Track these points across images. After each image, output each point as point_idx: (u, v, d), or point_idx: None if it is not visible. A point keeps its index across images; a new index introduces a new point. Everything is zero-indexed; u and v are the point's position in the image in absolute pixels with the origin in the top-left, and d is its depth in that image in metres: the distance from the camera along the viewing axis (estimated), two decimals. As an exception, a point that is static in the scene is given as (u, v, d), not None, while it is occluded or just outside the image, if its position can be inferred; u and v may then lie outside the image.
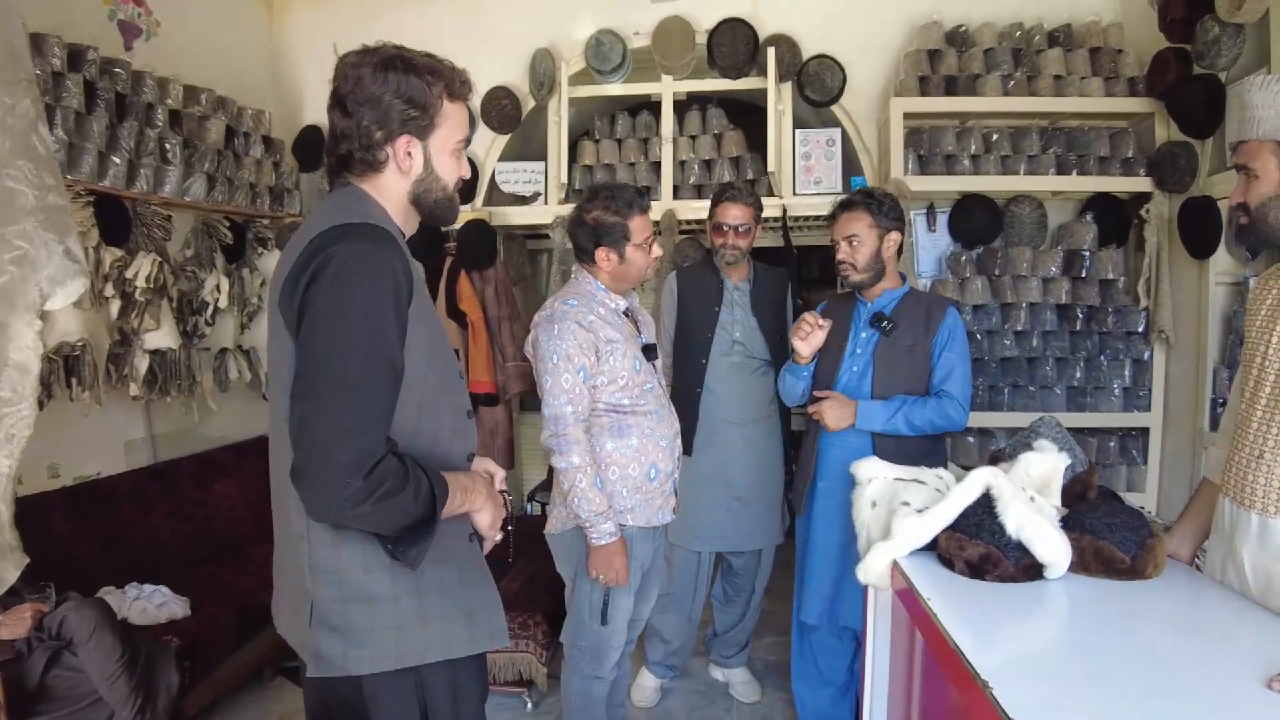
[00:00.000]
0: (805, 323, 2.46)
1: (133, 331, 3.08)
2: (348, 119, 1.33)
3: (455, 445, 1.44)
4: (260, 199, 3.78)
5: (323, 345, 1.20)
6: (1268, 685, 1.14)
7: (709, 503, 2.86)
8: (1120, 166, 3.43)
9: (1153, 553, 1.61)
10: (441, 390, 1.38)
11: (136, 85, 3.15)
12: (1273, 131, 1.44)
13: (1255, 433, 1.51)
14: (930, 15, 3.63)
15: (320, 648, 1.30)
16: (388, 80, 1.30)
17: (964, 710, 1.31)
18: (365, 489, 1.17)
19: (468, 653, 1.41)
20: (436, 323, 1.41)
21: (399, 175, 1.37)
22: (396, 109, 1.31)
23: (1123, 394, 3.46)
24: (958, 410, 2.36)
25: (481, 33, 3.98)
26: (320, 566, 1.30)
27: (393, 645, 1.31)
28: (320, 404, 1.18)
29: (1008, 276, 3.49)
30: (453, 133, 1.40)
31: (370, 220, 1.30)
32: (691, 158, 3.89)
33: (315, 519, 1.24)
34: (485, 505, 1.43)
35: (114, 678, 2.25)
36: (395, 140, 1.34)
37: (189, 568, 3.15)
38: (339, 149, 1.36)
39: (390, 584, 1.32)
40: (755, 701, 3.10)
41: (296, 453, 1.19)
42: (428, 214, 1.44)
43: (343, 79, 1.33)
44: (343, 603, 1.30)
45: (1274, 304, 1.56)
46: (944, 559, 1.71)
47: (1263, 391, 1.52)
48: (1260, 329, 1.58)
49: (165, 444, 3.49)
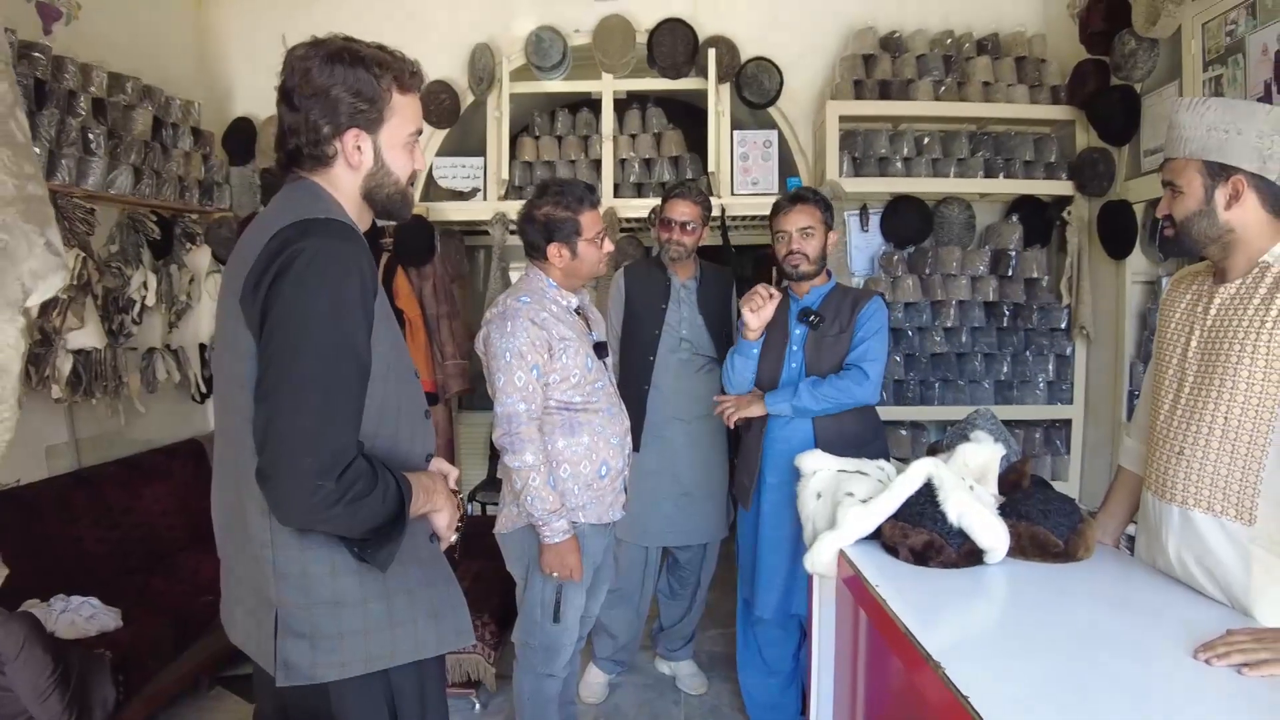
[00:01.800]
0: (758, 295, 2.46)
1: (54, 330, 2.93)
2: (295, 113, 1.30)
3: (415, 446, 1.42)
4: (189, 193, 3.65)
5: (290, 344, 1.16)
6: (1194, 655, 1.23)
7: (656, 498, 2.89)
8: (1044, 171, 3.60)
9: (1084, 537, 1.71)
10: (401, 391, 1.37)
11: (57, 71, 3.00)
12: (1198, 151, 1.51)
13: (1175, 430, 1.61)
14: (865, 21, 3.74)
15: (288, 656, 1.27)
16: (334, 73, 1.28)
17: (912, 691, 1.37)
18: (337, 491, 1.15)
19: (436, 652, 1.40)
20: (394, 322, 1.39)
21: (349, 170, 1.35)
22: (344, 102, 1.29)
23: (1047, 387, 3.64)
24: (860, 381, 2.40)
25: (420, 26, 3.92)
26: (285, 571, 1.27)
27: (361, 649, 1.30)
28: (289, 404, 1.15)
29: (938, 275, 3.62)
30: (404, 125, 1.37)
31: (333, 215, 1.27)
32: (632, 156, 3.92)
33: (284, 522, 1.21)
34: (444, 505, 1.42)
35: (45, 695, 2.15)
36: (343, 134, 1.31)
37: (119, 578, 3.02)
38: (288, 144, 1.34)
39: (358, 587, 1.30)
40: (702, 693, 3.15)
41: (263, 455, 1.16)
42: (380, 209, 1.42)
43: (290, 72, 1.30)
44: (309, 608, 1.27)
45: (1187, 307, 1.65)
46: (888, 547, 1.77)
47: (1182, 393, 1.61)
48: (1175, 330, 1.67)
49: (90, 449, 3.33)
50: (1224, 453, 1.50)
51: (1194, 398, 1.57)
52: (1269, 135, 1.46)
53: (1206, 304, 1.59)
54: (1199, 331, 1.59)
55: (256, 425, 1.18)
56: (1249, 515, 1.46)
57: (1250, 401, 1.47)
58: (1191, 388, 1.58)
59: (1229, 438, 1.50)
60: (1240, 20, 2.55)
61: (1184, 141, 1.54)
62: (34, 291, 2.16)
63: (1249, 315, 1.49)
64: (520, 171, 3.94)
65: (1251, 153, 1.47)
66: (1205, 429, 1.53)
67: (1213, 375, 1.53)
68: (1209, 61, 2.70)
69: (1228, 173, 1.49)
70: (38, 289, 2.16)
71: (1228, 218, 1.51)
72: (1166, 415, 1.65)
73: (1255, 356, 1.46)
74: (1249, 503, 1.46)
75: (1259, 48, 2.48)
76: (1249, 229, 1.51)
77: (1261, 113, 1.48)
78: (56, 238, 2.20)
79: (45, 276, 2.17)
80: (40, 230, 2.15)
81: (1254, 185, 1.48)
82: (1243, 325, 1.49)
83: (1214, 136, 1.49)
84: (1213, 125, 1.49)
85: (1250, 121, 1.47)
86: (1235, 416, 1.49)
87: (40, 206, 2.17)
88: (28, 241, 2.13)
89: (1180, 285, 1.73)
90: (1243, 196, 1.49)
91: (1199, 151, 1.51)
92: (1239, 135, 1.47)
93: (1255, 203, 1.49)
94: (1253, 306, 1.48)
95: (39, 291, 2.17)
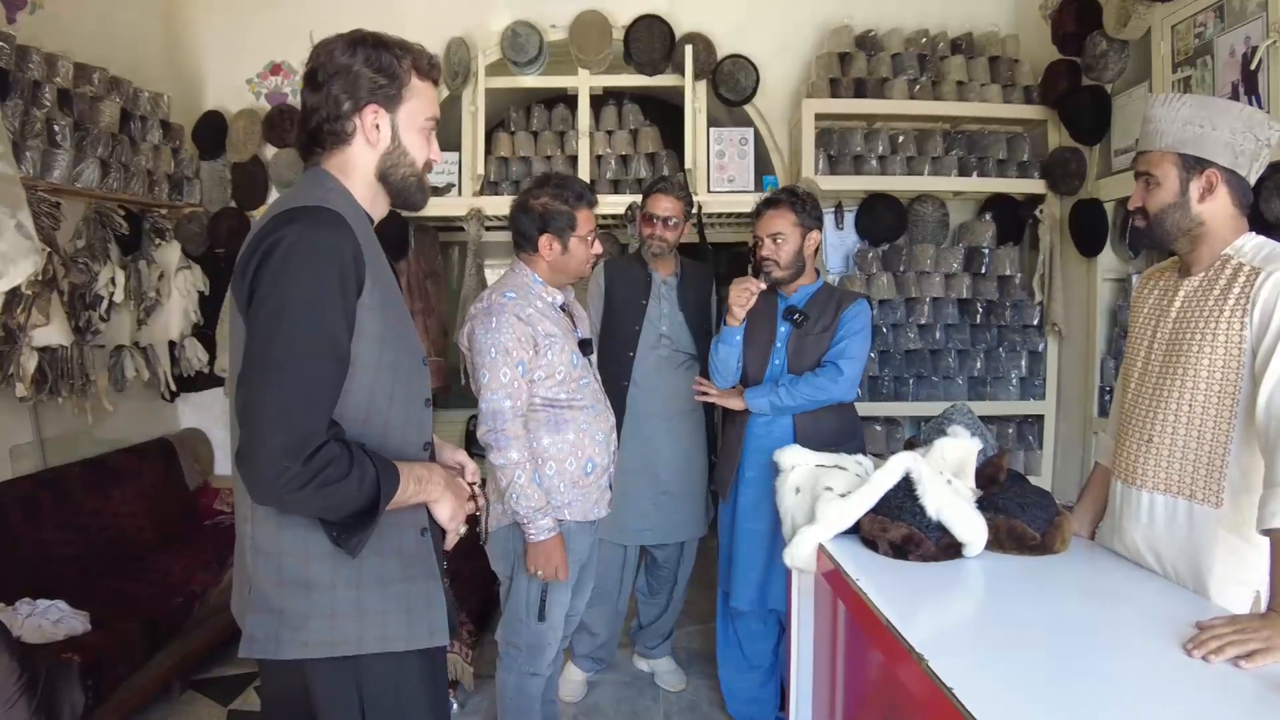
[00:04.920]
0: (748, 290, 2.47)
1: (18, 327, 2.85)
2: (318, 92, 1.34)
3: (409, 435, 1.42)
4: (158, 187, 3.59)
5: (266, 329, 1.20)
6: (1188, 653, 1.24)
7: (635, 496, 2.88)
8: (1016, 169, 3.65)
9: (1060, 529, 1.74)
10: (395, 379, 1.37)
11: (21, 61, 2.92)
12: (1174, 144, 1.56)
13: (1143, 418, 1.66)
14: (841, 19, 3.76)
15: (254, 630, 1.32)
16: (356, 52, 1.33)
17: (893, 684, 1.38)
18: (305, 474, 1.17)
19: (406, 648, 1.39)
20: (396, 310, 1.39)
21: (366, 147, 1.37)
22: (365, 77, 1.33)
23: (1019, 383, 3.69)
24: (834, 378, 2.42)
25: (395, 19, 3.84)
26: (261, 548, 1.31)
27: (327, 633, 1.31)
28: (261, 387, 1.19)
29: (912, 272, 3.65)
30: (422, 109, 1.41)
31: (324, 203, 1.28)
32: (608, 153, 3.91)
33: (257, 502, 1.24)
34: (443, 497, 1.41)
35: (11, 702, 2.09)
36: (363, 110, 1.34)
37: (87, 581, 2.95)
38: (310, 123, 1.37)
39: (329, 572, 1.31)
40: (681, 690, 3.15)
41: (240, 435, 1.20)
42: (395, 193, 1.44)
43: (314, 57, 1.35)
44: (280, 586, 1.30)
45: (1156, 301, 1.71)
46: (867, 541, 1.79)
47: (1148, 382, 1.67)
48: (1143, 324, 1.73)
49: (56, 449, 3.25)
50: (1190, 438, 1.56)
51: (1160, 386, 1.63)
52: (1241, 132, 1.51)
53: (1171, 297, 1.65)
54: (1164, 323, 1.65)
55: (236, 407, 1.23)
56: (1216, 498, 1.52)
57: (1213, 388, 1.53)
58: (1157, 376, 1.64)
59: (1194, 423, 1.55)
60: (1209, 23, 2.60)
61: (1160, 135, 1.58)
62: (4, 275, 2.09)
63: (1209, 305, 1.54)
64: (496, 167, 3.91)
65: (1224, 148, 1.52)
66: (1172, 415, 1.59)
67: (1177, 364, 1.59)
68: (1178, 63, 2.76)
69: (1202, 166, 1.54)
70: (8, 273, 2.10)
71: (1200, 210, 1.56)
72: (1132, 404, 1.71)
73: (1215, 344, 1.52)
74: (1215, 486, 1.52)
75: (1227, 50, 2.53)
76: (1217, 222, 1.56)
77: (1235, 110, 1.54)
78: (28, 220, 2.13)
79: (16, 260, 2.10)
80: (11, 212, 2.08)
81: (1226, 180, 1.54)
82: (1204, 315, 1.55)
83: (1189, 131, 1.54)
84: (1188, 120, 1.54)
85: (1224, 118, 1.52)
86: (1199, 402, 1.55)
87: (10, 188, 2.10)
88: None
89: (1148, 282, 1.78)
90: (1216, 190, 1.54)
91: (1175, 144, 1.56)
92: (1213, 130, 1.52)
93: (1225, 197, 1.55)
94: (1213, 297, 1.54)
95: (9, 275, 2.10)
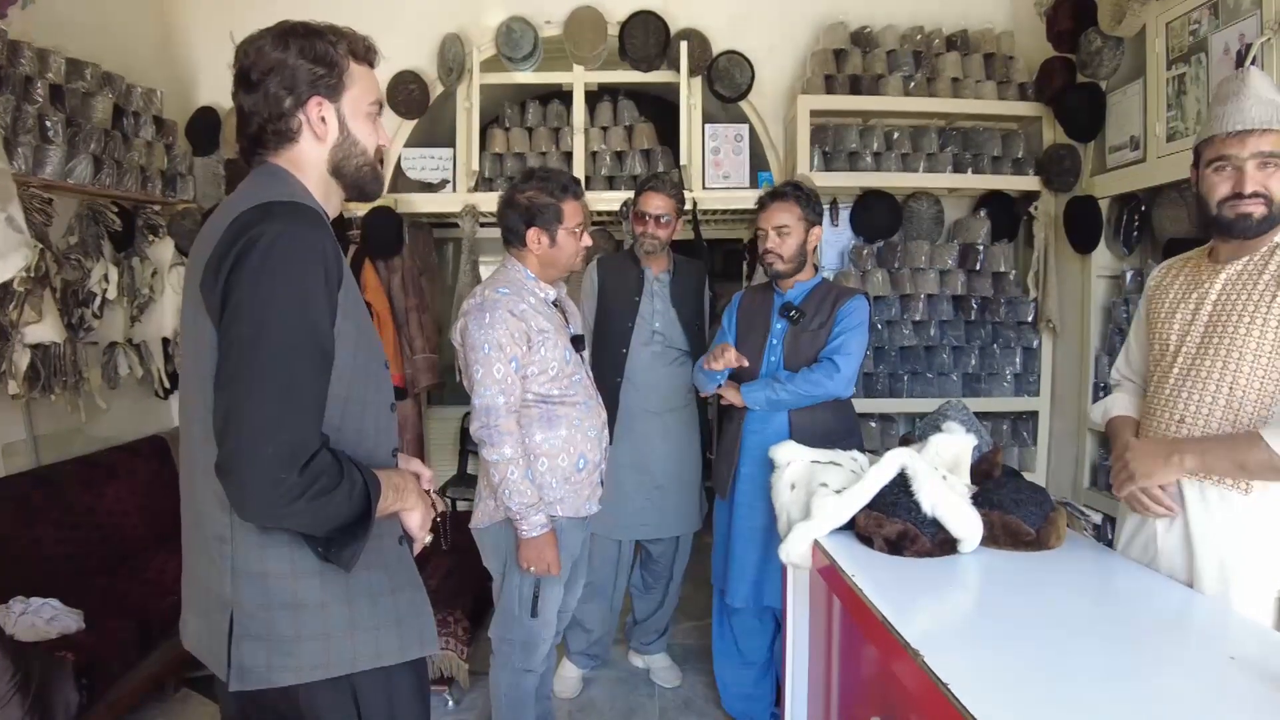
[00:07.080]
0: (725, 359, 2.45)
1: (11, 324, 2.84)
2: (254, 93, 1.26)
3: (380, 440, 1.37)
4: (151, 183, 3.56)
5: (250, 332, 1.12)
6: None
7: (629, 492, 2.88)
8: (1011, 166, 3.65)
9: (1055, 525, 1.74)
10: (367, 383, 1.32)
11: (13, 56, 2.91)
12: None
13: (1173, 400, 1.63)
14: (836, 15, 3.76)
15: (243, 659, 1.21)
16: (289, 45, 1.25)
17: (888, 679, 1.38)
18: (300, 484, 1.10)
19: (399, 660, 1.35)
20: (363, 311, 1.34)
21: (316, 142, 1.30)
22: (303, 69, 1.25)
23: (1014, 380, 3.69)
24: (830, 374, 2.40)
25: (389, 16, 3.86)
26: (244, 570, 1.22)
27: (321, 654, 1.25)
28: (249, 394, 1.10)
29: (907, 269, 3.65)
30: (364, 94, 1.33)
31: (296, 198, 1.23)
32: (603, 149, 3.91)
33: (245, 519, 1.16)
34: (416, 505, 1.37)
35: (5, 700, 2.08)
36: (306, 104, 1.27)
37: (81, 579, 2.94)
38: (249, 128, 1.29)
39: (319, 590, 1.25)
40: (676, 686, 3.16)
41: (222, 447, 1.11)
42: (350, 184, 1.37)
43: (243, 56, 1.27)
44: (268, 609, 1.22)
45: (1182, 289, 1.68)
46: (863, 537, 1.79)
47: (1180, 365, 1.63)
48: (1169, 310, 1.69)
49: (49, 446, 3.23)
50: (1226, 423, 1.52)
51: (1194, 368, 1.59)
52: None
53: (1208, 284, 1.61)
54: (1202, 308, 1.60)
55: (216, 416, 1.13)
56: (1245, 484, 1.49)
57: (1256, 372, 1.49)
58: (1193, 359, 1.60)
59: (1233, 407, 1.52)
60: (1203, 20, 2.60)
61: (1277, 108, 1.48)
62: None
63: (1259, 290, 1.50)
64: (490, 163, 3.90)
65: None
66: (1210, 397, 1.55)
67: (1219, 348, 1.54)
68: (1173, 60, 2.76)
69: None
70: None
71: None
72: (1156, 388, 1.67)
73: (1265, 329, 1.48)
74: None
75: (1221, 47, 2.53)
76: None
77: None
78: (19, 214, 2.11)
79: (6, 254, 2.08)
80: (1, 207, 2.07)
81: None
82: (1252, 299, 1.51)
83: None
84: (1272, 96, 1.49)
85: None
86: (1241, 385, 1.51)
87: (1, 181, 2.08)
88: None
89: (1170, 271, 1.76)
90: None
91: None
92: None
93: None
94: (1263, 282, 1.50)
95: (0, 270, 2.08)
